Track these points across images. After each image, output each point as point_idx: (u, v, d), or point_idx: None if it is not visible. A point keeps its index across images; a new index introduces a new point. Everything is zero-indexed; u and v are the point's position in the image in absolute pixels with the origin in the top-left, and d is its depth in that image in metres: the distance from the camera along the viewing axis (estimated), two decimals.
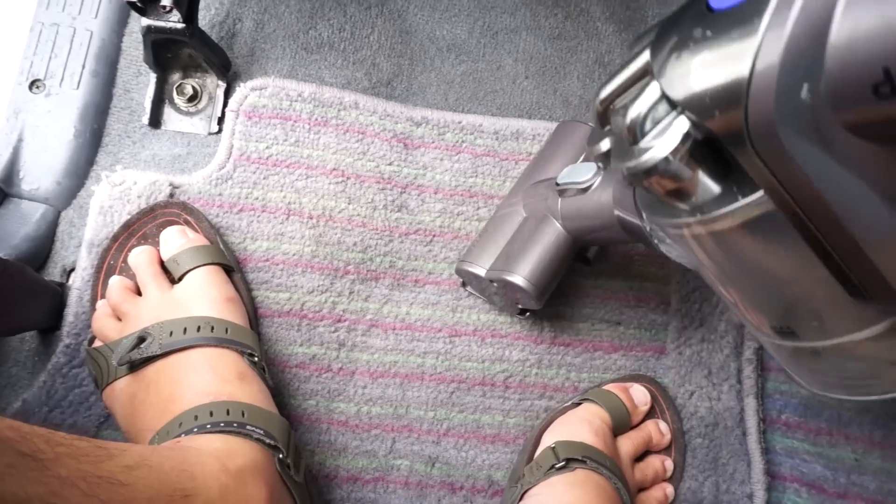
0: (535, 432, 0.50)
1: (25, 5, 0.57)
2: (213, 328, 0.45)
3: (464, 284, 0.54)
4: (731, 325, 0.54)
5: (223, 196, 0.53)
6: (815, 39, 0.18)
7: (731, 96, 0.21)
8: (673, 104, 0.24)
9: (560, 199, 0.46)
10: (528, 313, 0.53)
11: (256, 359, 0.46)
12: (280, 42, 0.59)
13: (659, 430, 0.51)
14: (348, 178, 0.55)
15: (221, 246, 0.51)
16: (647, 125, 0.25)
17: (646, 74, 0.26)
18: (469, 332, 0.54)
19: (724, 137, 0.22)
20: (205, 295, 0.48)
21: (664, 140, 0.24)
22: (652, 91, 0.25)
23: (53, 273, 0.53)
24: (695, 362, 0.53)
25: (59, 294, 0.52)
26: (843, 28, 0.18)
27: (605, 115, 0.29)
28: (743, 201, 0.23)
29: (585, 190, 0.43)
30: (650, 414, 0.52)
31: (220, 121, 0.57)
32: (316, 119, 0.55)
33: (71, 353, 0.49)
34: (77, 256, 0.52)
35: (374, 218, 0.55)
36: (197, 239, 0.50)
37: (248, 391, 0.44)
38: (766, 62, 0.19)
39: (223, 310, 0.47)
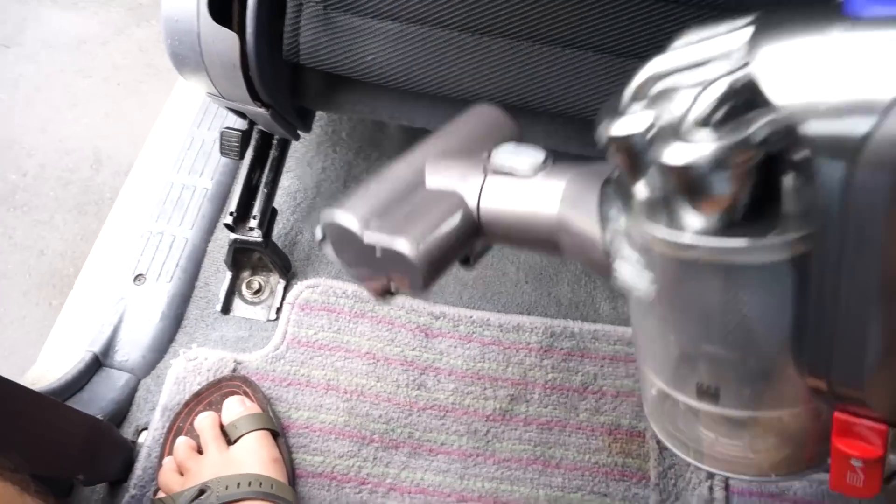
0: None
1: (140, 217, 0.75)
2: (261, 484, 0.55)
3: (322, 240, 0.37)
4: (701, 499, 0.62)
5: (276, 372, 0.65)
6: None
7: (864, 106, 0.17)
8: (763, 101, 0.19)
9: (484, 181, 0.35)
10: (392, 296, 0.38)
11: None
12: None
13: None
14: (378, 361, 0.67)
15: (271, 414, 0.62)
16: (720, 114, 0.20)
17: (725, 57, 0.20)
18: (474, 498, 0.62)
19: (826, 148, 0.18)
20: (256, 455, 0.58)
21: (749, 133, 0.19)
22: (743, 78, 0.20)
23: (127, 432, 0.64)
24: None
25: (131, 450, 0.62)
26: None
27: (642, 89, 0.23)
28: (777, 238, 0.20)
29: (523, 177, 0.33)
30: None
31: (279, 311, 0.71)
32: (355, 312, 0.69)
33: (135, 503, 0.58)
34: (149, 419, 0.63)
35: (398, 394, 0.66)
36: (252, 407, 0.61)
37: None
38: None
39: (269, 468, 0.57)
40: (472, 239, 0.37)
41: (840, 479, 0.22)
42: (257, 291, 0.72)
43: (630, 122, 0.22)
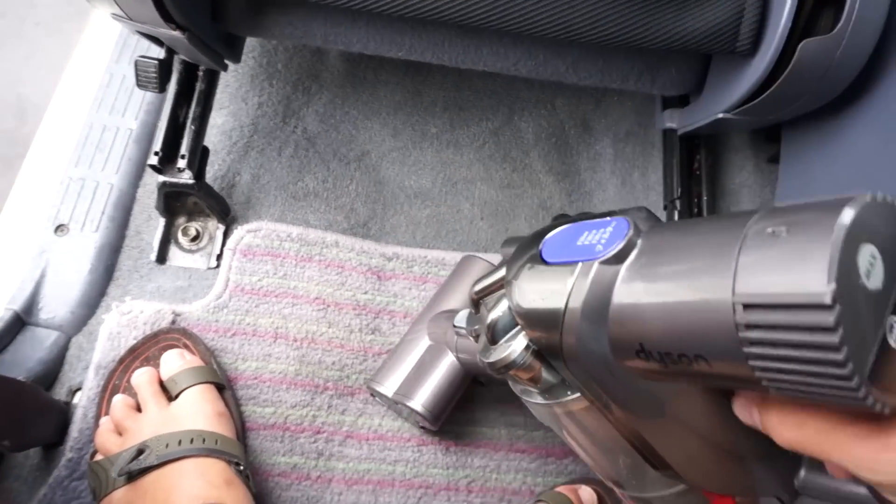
0: None
1: (57, 163, 0.68)
2: (204, 440, 0.52)
3: (373, 395, 0.61)
4: None
5: (219, 322, 0.61)
6: (602, 306, 0.25)
7: (552, 322, 0.28)
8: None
9: (456, 338, 0.53)
10: (426, 427, 0.59)
11: (242, 467, 0.52)
12: (273, 192, 0.70)
13: None
14: (329, 306, 0.64)
15: (215, 366, 0.58)
16: (501, 330, 0.33)
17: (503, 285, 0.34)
18: (435, 441, 0.60)
19: (544, 351, 0.30)
20: (198, 410, 0.54)
21: (514, 344, 0.31)
22: (505, 303, 0.33)
23: (60, 393, 0.59)
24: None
25: (64, 412, 0.57)
26: (615, 306, 0.25)
27: (477, 303, 0.37)
28: (571, 396, 0.31)
29: (474, 336, 0.48)
30: None
31: (219, 258, 0.66)
32: (302, 256, 0.65)
33: (72, 467, 0.54)
34: (84, 378, 0.59)
35: (351, 340, 0.63)
36: (193, 361, 0.57)
37: (235, 496, 0.49)
38: (573, 307, 0.26)
39: (214, 423, 0.54)
40: (466, 379, 0.56)
41: None
42: (195, 238, 0.67)
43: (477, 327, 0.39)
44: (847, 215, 0.19)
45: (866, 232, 0.19)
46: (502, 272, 0.35)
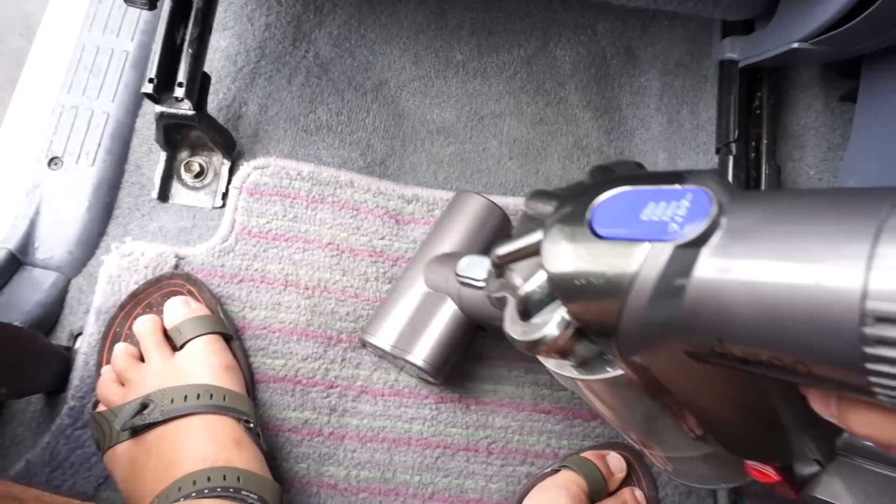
0: (515, 498, 0.52)
1: (48, 89, 0.62)
2: (211, 396, 0.48)
3: (364, 346, 0.56)
4: None
5: (225, 267, 0.57)
6: (674, 293, 0.22)
7: (608, 305, 0.23)
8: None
9: (460, 287, 0.48)
10: (430, 382, 0.55)
11: (252, 425, 0.49)
12: (282, 124, 0.64)
13: (635, 497, 0.53)
14: (343, 252, 0.59)
15: (222, 315, 0.55)
16: (536, 303, 0.29)
17: (537, 253, 0.28)
18: (454, 399, 0.57)
19: (591, 331, 0.26)
20: (204, 363, 0.51)
21: (551, 323, 0.27)
22: (542, 275, 0.28)
23: (61, 337, 0.56)
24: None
25: (65, 358, 0.54)
26: (693, 296, 0.21)
27: (500, 268, 0.32)
28: (613, 373, 0.27)
29: (482, 288, 0.44)
30: (627, 481, 0.54)
31: (224, 196, 0.61)
32: (313, 196, 0.60)
33: (75, 416, 0.52)
34: (85, 322, 0.55)
35: (367, 289, 0.58)
36: (198, 309, 0.54)
37: (244, 457, 0.46)
38: (639, 291, 0.22)
39: (221, 377, 0.50)
40: (470, 328, 0.52)
41: (772, 490, 0.30)
42: (198, 174, 0.62)
43: (498, 294, 0.34)
44: None
45: None
46: (535, 236, 0.29)
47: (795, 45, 0.51)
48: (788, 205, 0.20)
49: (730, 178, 0.60)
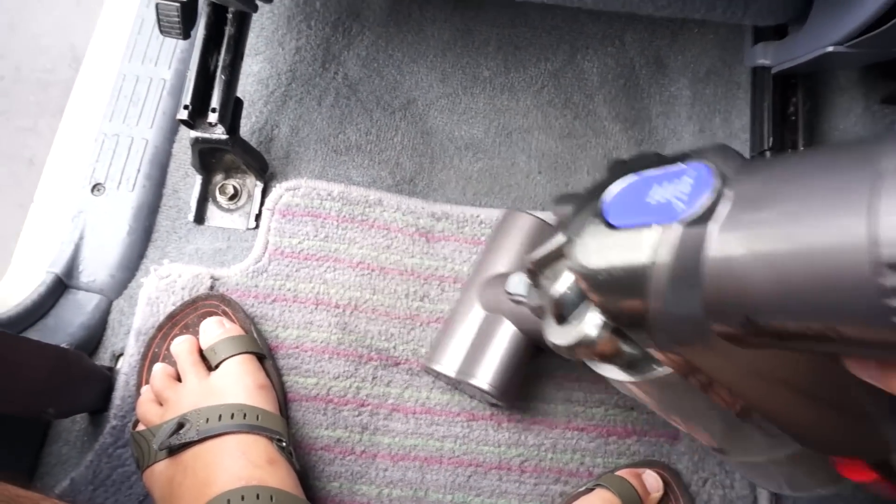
0: None
1: (92, 118, 0.65)
2: (245, 415, 0.49)
3: (428, 373, 0.56)
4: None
5: (258, 287, 0.58)
6: (692, 270, 0.21)
7: (631, 292, 0.23)
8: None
9: (513, 306, 0.48)
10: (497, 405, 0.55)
11: (285, 444, 0.49)
12: (312, 145, 0.65)
13: None
14: (373, 271, 0.59)
15: (255, 335, 0.56)
16: (570, 304, 0.28)
17: (563, 255, 0.28)
18: (486, 417, 0.56)
19: (623, 324, 0.25)
20: (239, 382, 0.52)
21: (585, 322, 0.27)
22: (570, 276, 0.28)
23: (104, 358, 0.58)
24: (708, 449, 0.54)
25: (108, 378, 0.56)
26: (710, 271, 0.20)
27: (535, 277, 0.32)
28: (660, 371, 0.26)
29: (537, 313, 0.45)
30: (664, 500, 0.53)
31: (258, 218, 0.62)
32: (344, 216, 0.61)
33: (116, 434, 0.53)
34: (126, 343, 0.57)
35: (397, 307, 0.59)
36: (233, 329, 0.55)
37: (278, 476, 0.47)
38: (657, 274, 0.22)
39: (255, 396, 0.51)
40: (530, 348, 0.51)
41: (869, 489, 0.27)
42: (233, 197, 0.64)
43: (532, 299, 0.36)
44: None
45: None
46: (559, 238, 0.29)
47: (830, 48, 0.50)
48: (790, 166, 0.19)
49: None
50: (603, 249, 0.25)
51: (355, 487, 0.54)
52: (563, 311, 0.29)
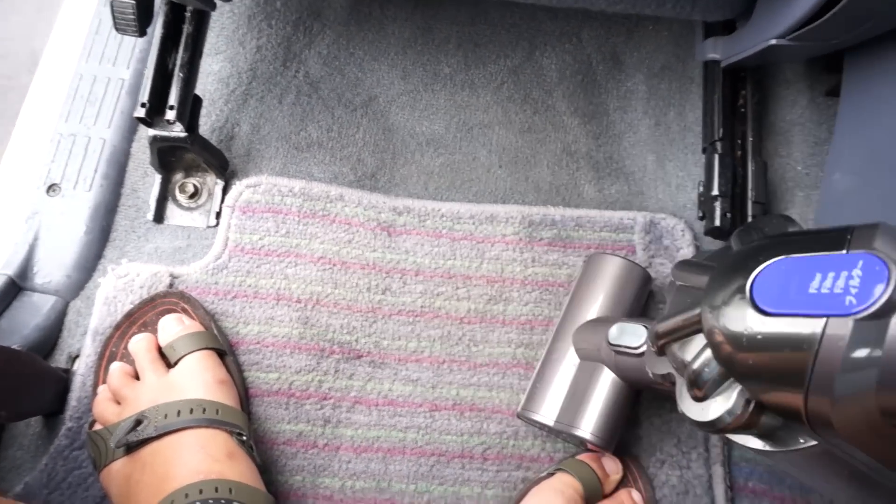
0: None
1: (48, 119, 0.64)
2: (204, 410, 0.49)
3: (522, 420, 0.55)
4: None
5: (218, 284, 0.58)
6: (865, 367, 0.20)
7: (790, 382, 0.23)
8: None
9: (615, 355, 0.47)
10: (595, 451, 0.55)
11: (245, 438, 0.49)
12: (274, 143, 0.66)
13: (631, 498, 0.52)
14: (335, 265, 0.59)
15: (215, 331, 0.55)
16: (709, 381, 0.28)
17: (699, 327, 0.28)
18: (448, 407, 0.57)
19: (775, 410, 0.25)
20: (198, 378, 0.51)
21: (729, 402, 0.27)
22: (708, 352, 0.27)
23: (60, 360, 0.57)
24: (665, 431, 0.55)
25: (64, 380, 0.55)
26: (886, 366, 0.20)
27: (662, 348, 0.32)
28: (805, 444, 0.26)
29: (636, 354, 0.45)
30: (622, 483, 0.53)
31: (218, 215, 0.62)
32: (305, 212, 0.61)
33: (72, 436, 0.53)
34: (82, 344, 0.56)
35: (359, 301, 0.59)
36: (192, 326, 0.54)
37: (237, 469, 0.47)
38: (823, 371, 0.21)
39: (215, 391, 0.51)
40: (631, 395, 0.51)
41: None
42: (193, 195, 0.63)
43: (660, 368, 0.37)
44: None
45: None
46: (695, 312, 0.29)
47: (773, 41, 0.52)
48: None
49: (716, 176, 0.59)
50: (755, 338, 0.24)
51: (318, 480, 0.54)
52: (700, 386, 0.28)
